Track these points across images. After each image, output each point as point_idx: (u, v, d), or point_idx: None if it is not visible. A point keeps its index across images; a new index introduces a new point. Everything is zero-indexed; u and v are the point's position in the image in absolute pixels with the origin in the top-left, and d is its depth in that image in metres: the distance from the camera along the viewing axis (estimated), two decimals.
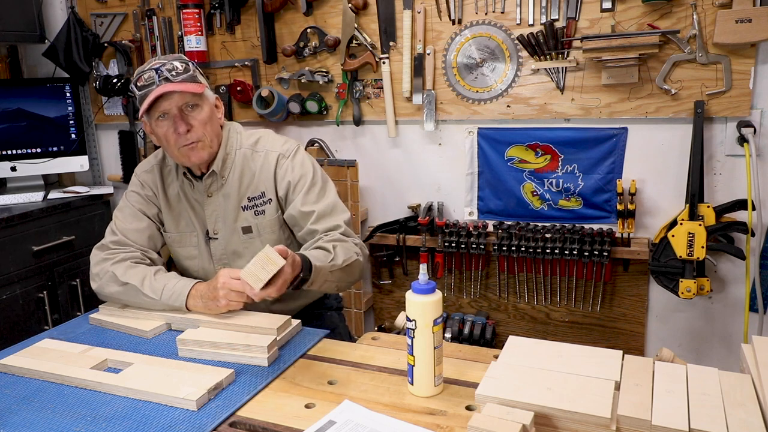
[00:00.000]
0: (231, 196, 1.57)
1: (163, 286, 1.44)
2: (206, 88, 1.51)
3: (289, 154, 1.58)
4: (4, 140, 2.73)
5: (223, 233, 1.59)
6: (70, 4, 2.83)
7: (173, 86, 1.42)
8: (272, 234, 1.59)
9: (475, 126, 2.35)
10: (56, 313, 2.60)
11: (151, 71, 1.43)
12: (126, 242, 1.58)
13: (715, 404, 0.92)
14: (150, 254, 1.59)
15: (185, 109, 1.46)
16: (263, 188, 1.57)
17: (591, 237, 2.17)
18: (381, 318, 2.67)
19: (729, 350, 2.19)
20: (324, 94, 2.52)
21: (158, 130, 1.48)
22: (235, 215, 1.58)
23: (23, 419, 1.08)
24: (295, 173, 1.55)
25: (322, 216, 1.53)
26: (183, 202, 1.61)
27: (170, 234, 1.64)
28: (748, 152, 1.96)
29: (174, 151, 1.50)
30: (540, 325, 2.42)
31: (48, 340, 1.39)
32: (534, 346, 1.12)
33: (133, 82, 1.46)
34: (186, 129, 1.45)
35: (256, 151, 1.59)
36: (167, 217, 1.63)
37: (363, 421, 1.01)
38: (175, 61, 1.46)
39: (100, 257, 1.57)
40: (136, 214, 1.61)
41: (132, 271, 1.49)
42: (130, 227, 1.60)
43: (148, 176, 1.65)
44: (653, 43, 1.96)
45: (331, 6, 2.42)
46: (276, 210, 1.58)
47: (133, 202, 1.63)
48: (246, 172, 1.58)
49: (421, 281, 1.07)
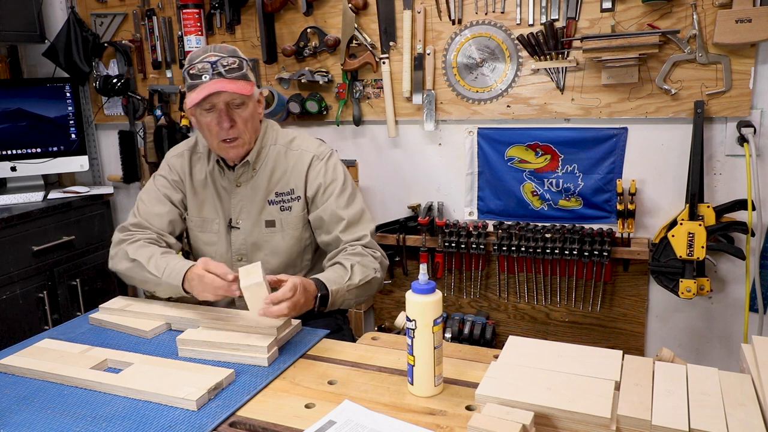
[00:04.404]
0: (259, 188, 1.61)
1: (166, 265, 1.47)
2: (254, 87, 1.55)
3: (323, 157, 1.63)
4: (4, 140, 2.73)
5: (245, 224, 1.63)
6: (70, 4, 2.83)
7: (226, 84, 1.45)
8: (295, 231, 1.63)
9: (475, 126, 2.35)
10: (56, 313, 2.60)
11: (205, 63, 1.46)
12: (145, 225, 1.62)
13: (715, 404, 0.92)
14: (167, 238, 1.63)
15: (232, 105, 1.50)
16: (293, 185, 1.62)
17: (591, 237, 2.17)
18: (381, 318, 2.67)
19: (729, 350, 2.19)
20: (324, 94, 2.52)
21: (202, 119, 1.52)
22: (261, 208, 1.62)
23: (23, 419, 1.08)
24: (327, 176, 1.61)
25: (351, 224, 1.58)
26: (210, 188, 1.65)
27: (192, 218, 1.67)
28: (748, 152, 1.96)
29: (213, 143, 1.56)
30: (540, 325, 2.42)
31: (48, 340, 1.39)
32: (534, 346, 1.12)
33: (186, 67, 1.50)
34: (229, 125, 1.50)
35: (290, 149, 1.64)
36: (192, 201, 1.67)
37: (363, 421, 1.01)
38: (230, 56, 1.49)
39: (119, 238, 1.62)
40: (160, 199, 1.66)
41: (142, 249, 1.54)
42: (152, 211, 1.64)
43: (177, 161, 1.69)
44: (653, 43, 1.96)
45: (331, 6, 2.42)
46: (302, 209, 1.62)
47: (159, 186, 1.67)
48: (278, 168, 1.62)
49: (421, 281, 1.07)
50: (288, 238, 1.62)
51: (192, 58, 1.49)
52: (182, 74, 1.52)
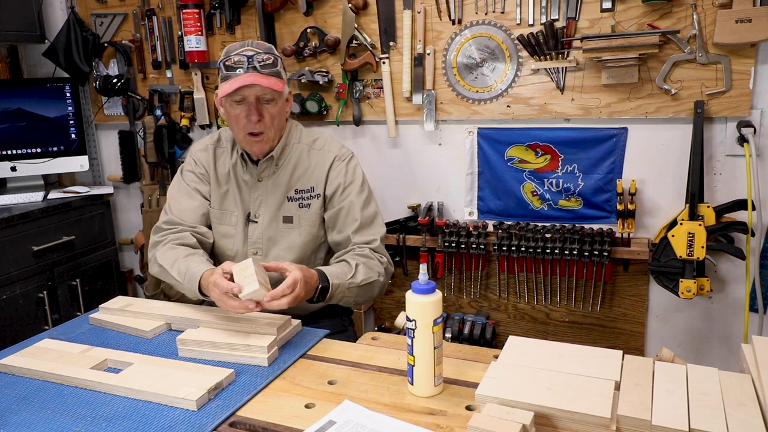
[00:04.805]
0: (280, 184, 1.65)
1: (186, 269, 1.48)
2: (286, 85, 1.59)
3: (345, 159, 1.68)
4: (4, 140, 2.72)
5: (263, 218, 1.66)
6: (70, 4, 2.83)
7: (259, 78, 1.49)
8: (312, 228, 1.66)
9: (475, 126, 2.35)
10: (56, 313, 2.60)
11: (242, 56, 1.50)
12: (177, 221, 1.65)
13: (715, 404, 0.92)
14: (200, 229, 1.66)
15: (262, 100, 1.54)
16: (313, 183, 1.66)
17: (591, 237, 2.17)
18: (381, 318, 2.67)
19: (729, 350, 2.19)
20: (324, 94, 2.52)
21: (231, 110, 1.56)
22: (280, 203, 1.65)
23: (23, 419, 1.08)
24: (347, 177, 1.66)
25: (363, 226, 1.63)
26: (231, 182, 1.69)
27: (214, 210, 1.71)
28: (748, 152, 1.96)
29: (240, 135, 1.59)
30: (540, 325, 2.42)
31: (48, 340, 1.39)
32: (534, 346, 1.12)
33: (222, 59, 1.54)
34: (257, 118, 1.53)
35: (313, 149, 1.69)
36: (214, 193, 1.70)
37: (363, 421, 1.01)
38: (265, 53, 1.53)
39: (153, 241, 1.66)
40: (190, 193, 1.69)
41: (168, 253, 1.56)
42: (183, 207, 1.67)
43: (203, 154, 1.72)
44: (653, 43, 1.96)
45: (331, 6, 2.42)
46: (320, 206, 1.66)
47: (189, 181, 1.71)
48: (300, 166, 1.66)
49: (421, 281, 1.07)
50: (304, 234, 1.66)
51: (229, 51, 1.54)
52: (217, 65, 1.57)
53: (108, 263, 2.90)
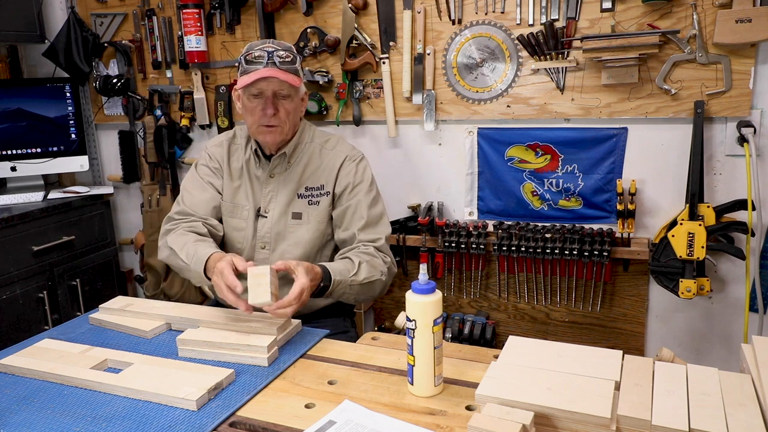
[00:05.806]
0: (291, 181, 1.69)
1: (195, 252, 1.51)
2: (302, 82, 1.64)
3: (355, 159, 1.73)
4: (4, 140, 2.72)
5: (273, 214, 1.69)
6: (70, 4, 2.83)
7: (278, 73, 1.54)
8: (320, 224, 1.70)
9: (475, 126, 2.35)
10: (56, 313, 2.60)
11: (262, 51, 1.56)
12: (189, 212, 1.70)
13: (715, 404, 0.92)
14: (211, 221, 1.70)
15: (278, 95, 1.59)
16: (323, 181, 1.70)
17: (591, 237, 2.17)
18: (381, 318, 2.67)
19: (729, 350, 2.19)
20: (324, 94, 2.52)
21: (248, 103, 1.61)
22: (290, 200, 1.69)
23: (23, 419, 1.08)
24: (357, 177, 1.70)
25: (369, 225, 1.66)
26: (244, 176, 1.73)
27: (225, 203, 1.74)
28: (748, 152, 1.96)
29: (253, 126, 1.64)
30: (540, 325, 2.42)
31: (48, 340, 1.39)
32: (534, 346, 1.12)
33: (243, 53, 1.58)
34: (273, 112, 1.58)
35: (325, 148, 1.74)
36: (227, 187, 1.74)
37: (363, 421, 1.01)
38: (285, 50, 1.58)
39: (164, 229, 1.69)
40: (204, 186, 1.74)
41: (180, 237, 1.60)
42: (196, 198, 1.72)
43: (217, 150, 1.77)
44: (653, 43, 1.96)
45: (331, 6, 2.42)
46: (329, 204, 1.70)
47: (202, 174, 1.76)
48: (311, 164, 1.71)
49: (421, 281, 1.07)
50: (312, 230, 1.68)
51: (251, 46, 1.58)
52: (238, 59, 1.61)
53: (108, 263, 2.90)
